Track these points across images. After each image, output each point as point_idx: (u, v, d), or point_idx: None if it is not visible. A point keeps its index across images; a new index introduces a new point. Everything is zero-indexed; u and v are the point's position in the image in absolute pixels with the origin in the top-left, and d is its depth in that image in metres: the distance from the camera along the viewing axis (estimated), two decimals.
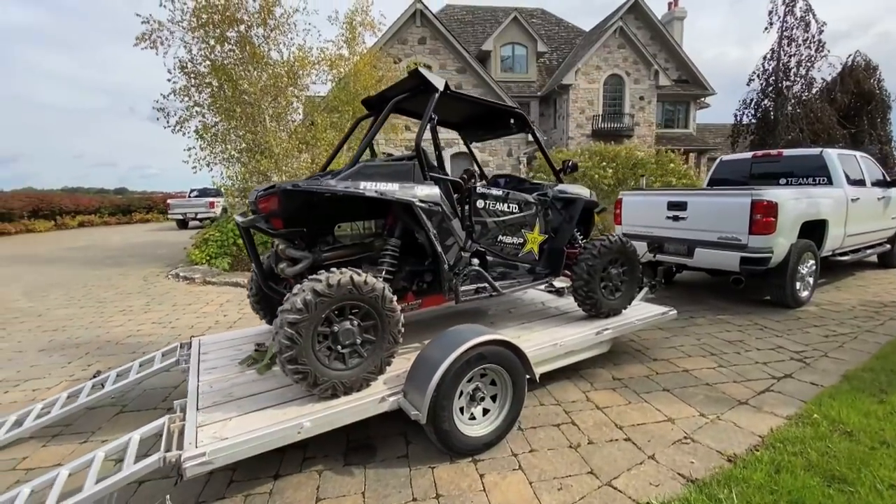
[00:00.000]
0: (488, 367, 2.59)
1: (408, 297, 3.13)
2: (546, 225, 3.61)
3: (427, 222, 2.77)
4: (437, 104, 3.46)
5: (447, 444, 2.45)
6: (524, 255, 3.49)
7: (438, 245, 2.83)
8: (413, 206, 2.70)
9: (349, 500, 2.23)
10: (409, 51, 15.64)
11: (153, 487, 2.37)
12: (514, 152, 16.94)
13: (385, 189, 2.64)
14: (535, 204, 3.52)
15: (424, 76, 2.92)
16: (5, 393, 3.69)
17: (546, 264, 3.62)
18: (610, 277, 3.61)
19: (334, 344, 2.39)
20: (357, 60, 10.98)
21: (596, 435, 2.72)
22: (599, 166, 12.76)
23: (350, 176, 2.60)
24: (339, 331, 2.37)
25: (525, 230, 3.45)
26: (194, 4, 8.94)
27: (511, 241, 3.39)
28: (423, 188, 2.79)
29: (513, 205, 3.37)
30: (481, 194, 3.21)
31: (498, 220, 3.28)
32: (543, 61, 23.07)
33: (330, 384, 2.36)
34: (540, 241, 3.56)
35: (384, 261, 2.86)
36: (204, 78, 9.66)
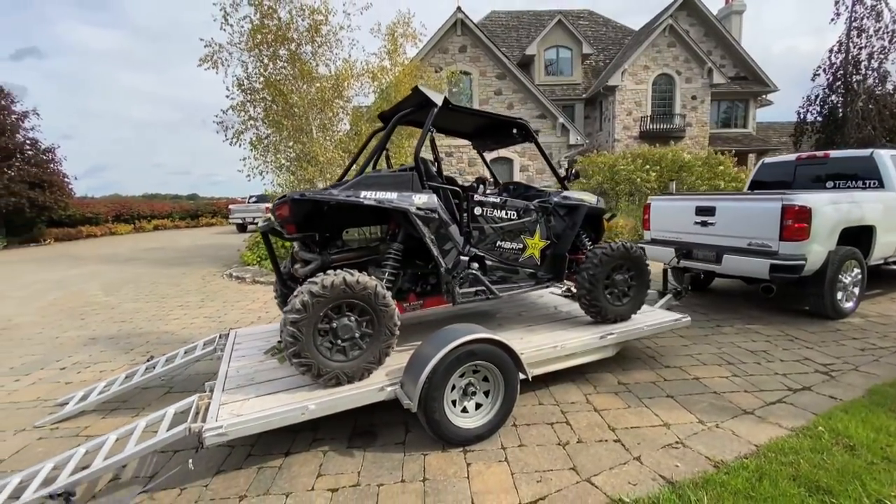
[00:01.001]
0: (480, 363, 2.75)
1: (410, 298, 3.36)
2: (548, 231, 3.69)
3: (423, 228, 2.97)
4: (445, 117, 3.70)
5: (438, 433, 2.64)
6: (525, 260, 3.58)
7: (435, 249, 3.04)
8: (409, 213, 2.92)
9: (346, 477, 2.48)
10: (450, 59, 15.97)
11: (185, 455, 2.74)
12: (555, 156, 16.73)
13: (384, 197, 2.89)
14: (536, 210, 3.62)
15: (424, 93, 3.14)
16: (78, 373, 4.31)
17: (548, 269, 3.70)
18: (615, 284, 3.64)
19: (334, 338, 2.66)
20: (398, 71, 11.44)
21: (587, 435, 2.81)
22: (642, 169, 12.42)
23: (352, 186, 2.87)
24: (337, 326, 2.64)
25: (525, 236, 3.55)
26: (251, 27, 9.74)
27: (510, 246, 3.50)
28: (420, 196, 3.01)
29: (511, 211, 3.48)
30: (479, 201, 3.35)
31: (495, 226, 3.41)
32: (589, 63, 22.64)
33: (333, 374, 2.64)
34: (541, 246, 3.65)
35: (387, 263, 3.10)
36: (258, 93, 10.49)
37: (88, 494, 2.42)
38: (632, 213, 11.10)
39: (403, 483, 2.40)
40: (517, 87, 16.41)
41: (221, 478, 2.52)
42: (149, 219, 29.18)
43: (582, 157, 14.82)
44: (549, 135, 16.65)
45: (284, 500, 2.31)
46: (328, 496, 2.32)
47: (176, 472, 2.51)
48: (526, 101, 16.50)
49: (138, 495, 2.37)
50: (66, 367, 4.49)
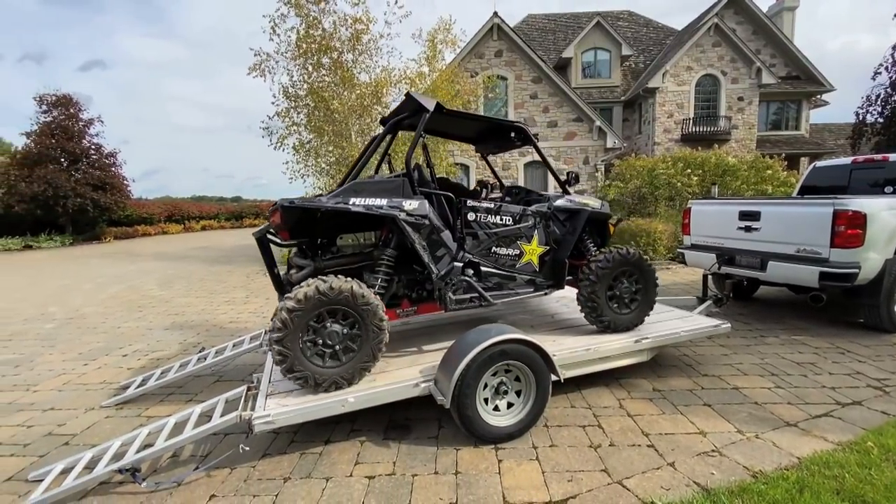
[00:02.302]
0: (512, 363, 2.82)
1: (403, 304, 3.34)
2: (547, 236, 3.59)
3: (413, 234, 2.95)
4: (444, 122, 3.74)
5: (470, 430, 2.72)
6: (522, 267, 3.49)
7: (426, 255, 3.02)
8: (397, 219, 2.91)
9: (381, 466, 2.60)
10: (486, 64, 16.04)
11: (235, 437, 2.94)
12: (591, 160, 16.46)
13: (372, 204, 2.89)
14: (534, 216, 3.52)
15: (416, 99, 3.16)
16: (138, 360, 4.67)
17: (548, 276, 3.60)
18: (620, 291, 3.51)
19: (324, 346, 2.68)
20: (436, 77, 11.64)
21: (619, 439, 2.81)
22: (683, 173, 12.02)
23: (342, 192, 2.89)
24: (324, 334, 2.67)
25: (522, 242, 3.47)
26: (297, 36, 10.19)
27: (506, 252, 3.42)
28: (410, 202, 2.99)
29: (506, 217, 3.40)
30: (472, 207, 3.28)
31: (489, 231, 3.34)
32: (629, 65, 22.13)
33: (331, 380, 2.68)
34: (540, 252, 3.55)
35: (380, 269, 3.12)
36: (301, 100, 10.95)
37: (151, 470, 2.65)
38: (671, 219, 10.78)
39: (436, 475, 2.50)
40: (553, 91, 16.27)
41: (267, 460, 2.70)
42: (197, 219, 30.84)
43: (620, 160, 14.50)
44: (586, 138, 16.42)
45: (325, 483, 2.45)
46: (365, 482, 2.45)
47: (228, 455, 2.71)
48: (562, 105, 16.33)
49: (195, 472, 2.58)
50: (127, 354, 4.87)
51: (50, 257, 16.82)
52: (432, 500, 2.29)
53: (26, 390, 3.99)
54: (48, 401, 3.73)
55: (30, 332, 5.99)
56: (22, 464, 2.79)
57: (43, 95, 22.80)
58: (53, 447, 2.99)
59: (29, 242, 20.95)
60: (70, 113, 23.07)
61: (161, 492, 2.43)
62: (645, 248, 9.27)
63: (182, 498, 2.38)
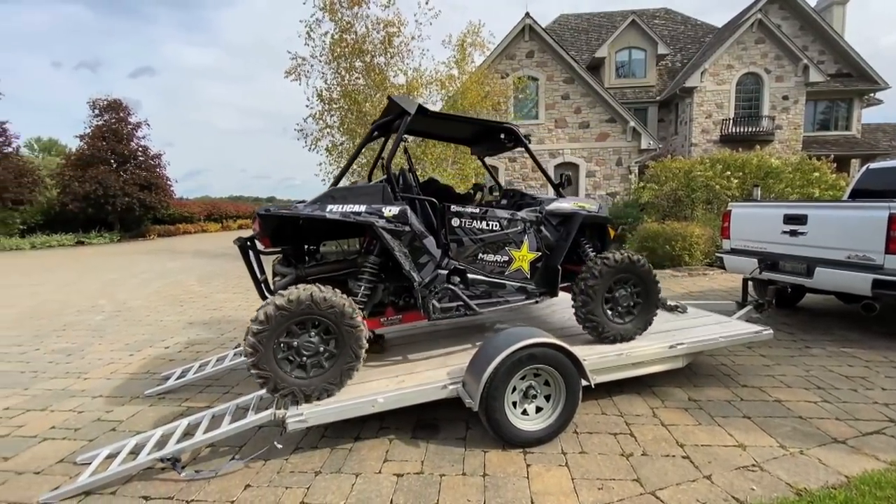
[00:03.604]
0: (541, 367, 2.78)
1: (388, 312, 3.25)
2: (539, 242, 3.45)
3: (392, 241, 2.87)
4: (434, 125, 3.71)
5: (498, 433, 2.70)
6: (512, 274, 3.36)
7: (407, 263, 2.94)
8: (373, 226, 2.83)
9: (410, 465, 2.62)
10: (517, 65, 15.93)
11: (268, 430, 3.04)
12: (625, 161, 16.06)
13: (350, 210, 2.82)
14: (524, 221, 3.39)
15: (396, 102, 3.11)
16: (179, 352, 4.89)
17: (540, 283, 3.45)
18: (617, 299, 3.36)
19: (296, 354, 2.63)
20: (465, 79, 11.67)
21: (652, 448, 2.73)
22: (722, 176, 11.57)
23: (320, 199, 2.84)
24: (300, 342, 2.63)
25: (510, 248, 3.34)
26: (331, 40, 10.44)
27: (494, 258, 3.30)
28: (390, 209, 2.92)
29: (492, 222, 3.28)
30: (456, 212, 3.17)
31: (475, 237, 3.23)
32: (665, 64, 21.50)
33: (289, 390, 2.62)
34: (531, 258, 3.41)
35: (363, 277, 3.05)
36: (335, 103, 11.20)
37: (190, 459, 2.76)
38: (709, 223, 10.38)
39: (464, 476, 2.50)
40: (585, 91, 16.00)
41: (299, 454, 2.77)
42: (234, 218, 32.04)
43: (654, 162, 14.09)
44: (619, 139, 16.05)
45: (354, 479, 2.50)
46: (394, 480, 2.48)
47: (263, 450, 2.79)
48: (594, 105, 16.03)
49: (231, 463, 2.68)
50: (168, 347, 5.11)
51: (99, 253, 17.86)
52: (460, 501, 2.29)
53: (77, 377, 4.24)
54: (97, 388, 3.96)
55: (81, 323, 6.37)
56: (73, 447, 2.97)
57: (95, 100, 24.26)
58: (101, 432, 3.16)
59: (81, 239, 22.29)
60: (120, 117, 24.43)
61: (199, 480, 2.54)
62: (680, 253, 8.98)
63: (219, 487, 2.47)
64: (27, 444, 3.02)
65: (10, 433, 3.20)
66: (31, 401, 3.75)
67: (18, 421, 3.39)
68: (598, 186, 16.32)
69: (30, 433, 3.19)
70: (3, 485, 2.57)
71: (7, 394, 3.91)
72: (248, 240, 3.07)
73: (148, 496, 2.42)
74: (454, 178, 11.35)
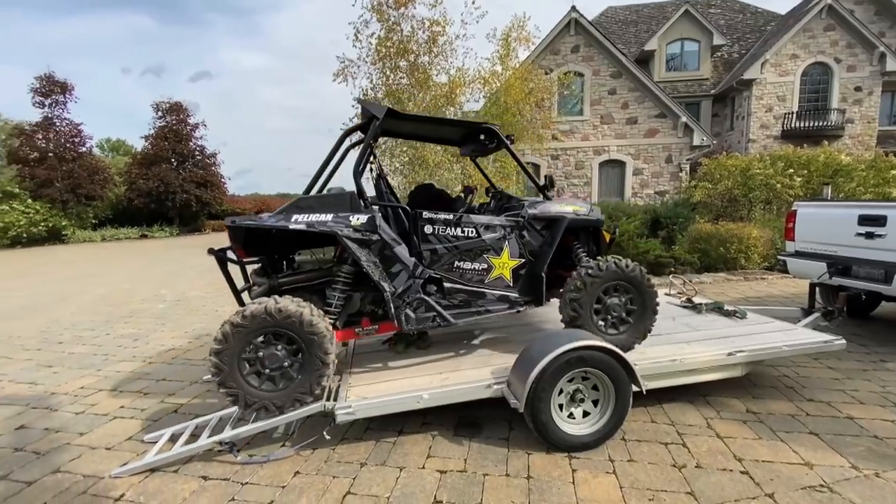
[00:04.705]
0: (590, 371, 2.71)
1: (364, 322, 3.16)
2: (521, 248, 3.29)
3: (359, 251, 2.80)
4: (417, 127, 3.63)
5: (543, 435, 2.66)
6: (492, 282, 3.22)
7: (376, 272, 2.87)
8: (338, 236, 2.76)
9: (453, 462, 2.63)
10: (561, 60, 15.55)
11: (317, 420, 3.14)
12: (675, 158, 15.32)
13: (316, 220, 2.76)
14: (504, 226, 3.24)
15: (365, 107, 3.03)
16: None
17: (524, 291, 3.29)
18: (608, 308, 3.15)
19: (262, 368, 2.64)
20: (509, 75, 11.54)
21: (707, 461, 2.59)
22: (783, 174, 10.82)
23: (287, 209, 2.81)
24: (264, 356, 2.63)
25: (489, 255, 3.19)
26: (377, 40, 10.62)
27: (472, 266, 3.17)
28: (358, 217, 2.84)
29: (468, 228, 3.15)
30: (428, 219, 3.08)
31: (450, 245, 3.11)
32: (721, 55, 20.33)
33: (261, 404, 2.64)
34: (512, 265, 3.25)
35: (336, 286, 3.00)
36: (380, 102, 11.39)
37: (244, 444, 2.90)
38: (768, 224, 9.74)
39: (508, 477, 2.47)
40: (634, 86, 15.40)
41: (346, 445, 2.85)
42: None
43: (708, 159, 13.38)
44: (670, 135, 15.34)
45: (398, 472, 2.53)
46: (437, 476, 2.49)
47: (313, 440, 2.88)
48: (643, 100, 15.40)
49: (282, 450, 2.79)
50: None
51: (160, 245, 19.12)
52: (504, 502, 2.27)
53: (143, 361, 4.56)
54: (161, 372, 4.24)
55: (146, 311, 6.84)
56: (139, 426, 3.20)
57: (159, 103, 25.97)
58: (165, 414, 3.38)
59: (144, 232, 23.98)
60: (180, 118, 26.04)
61: (252, 465, 2.66)
62: (736, 256, 8.48)
63: (270, 472, 2.58)
64: (100, 422, 3.28)
65: (85, 410, 3.48)
66: (102, 381, 4.07)
67: (92, 400, 3.68)
68: (646, 185, 15.69)
69: (102, 411, 3.46)
70: (79, 458, 2.80)
71: (83, 374, 4.26)
72: (224, 250, 3.04)
73: (207, 476, 2.56)
74: (495, 175, 11.26)
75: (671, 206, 10.62)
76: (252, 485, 2.47)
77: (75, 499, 2.40)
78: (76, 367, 4.46)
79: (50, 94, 22.10)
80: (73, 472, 2.65)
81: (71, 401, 3.67)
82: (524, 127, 12.08)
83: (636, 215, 9.64)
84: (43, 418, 3.38)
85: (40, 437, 3.09)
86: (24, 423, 3.29)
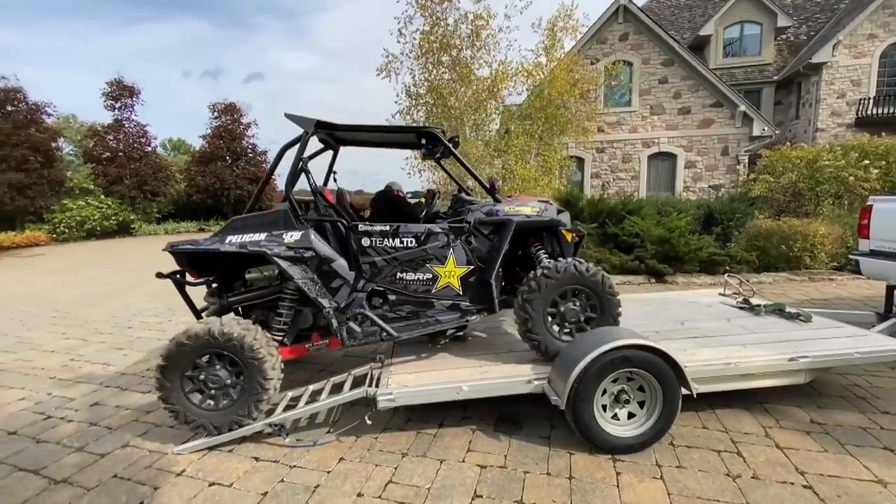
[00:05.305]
0: (635, 371, 2.61)
1: (314, 338, 3.20)
2: (469, 255, 3.16)
3: (292, 269, 2.80)
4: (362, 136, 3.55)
5: (585, 435, 2.60)
6: (440, 291, 3.13)
7: (312, 289, 2.86)
8: (266, 255, 2.77)
9: (493, 458, 2.62)
10: (609, 49, 14.95)
11: (359, 408, 3.23)
12: (732, 150, 14.37)
13: (249, 240, 2.80)
14: (446, 233, 3.12)
15: (292, 120, 3.01)
16: None
17: (475, 299, 3.16)
18: (564, 313, 2.98)
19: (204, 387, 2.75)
20: (553, 66, 11.27)
21: (765, 472, 2.44)
22: (858, 165, 9.92)
23: (222, 231, 2.87)
24: (206, 376, 2.73)
25: (432, 264, 3.10)
26: (420, 37, 10.68)
27: (416, 277, 3.09)
28: (292, 234, 2.84)
29: (406, 239, 3.07)
30: (365, 232, 3.04)
31: (388, 257, 3.06)
32: (785, 38, 18.85)
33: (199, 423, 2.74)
34: (460, 273, 3.14)
35: (283, 303, 3.01)
36: (421, 98, 11.46)
37: (292, 428, 3.03)
38: (837, 220, 8.97)
39: (549, 476, 2.44)
40: (687, 73, 14.58)
41: (387, 434, 2.91)
42: None
43: (769, 150, 12.48)
44: (726, 125, 14.43)
45: (439, 465, 2.56)
46: (477, 471, 2.50)
47: (355, 424, 2.97)
48: (697, 89, 14.56)
49: (327, 436, 2.89)
50: None
51: None
52: (545, 501, 2.24)
53: None
54: None
55: None
56: None
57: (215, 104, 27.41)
58: None
59: (202, 226, 25.50)
60: (234, 118, 27.38)
61: (300, 448, 2.77)
62: (800, 254, 7.88)
63: (317, 456, 2.69)
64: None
65: (151, 391, 3.75)
66: None
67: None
68: (699, 178, 14.87)
69: None
70: (146, 434, 3.03)
71: (147, 356, 4.60)
72: (177, 273, 3.14)
73: (258, 457, 2.70)
74: (536, 170, 11.07)
75: (727, 200, 10.00)
76: (300, 468, 2.58)
77: (142, 471, 2.61)
78: (143, 350, 4.82)
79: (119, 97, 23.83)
80: (140, 447, 2.87)
81: (139, 381, 3.97)
82: (568, 119, 11.77)
83: (688, 211, 9.16)
84: (114, 396, 3.68)
85: (112, 413, 3.37)
86: (98, 401, 3.60)
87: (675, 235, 7.91)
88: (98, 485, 2.49)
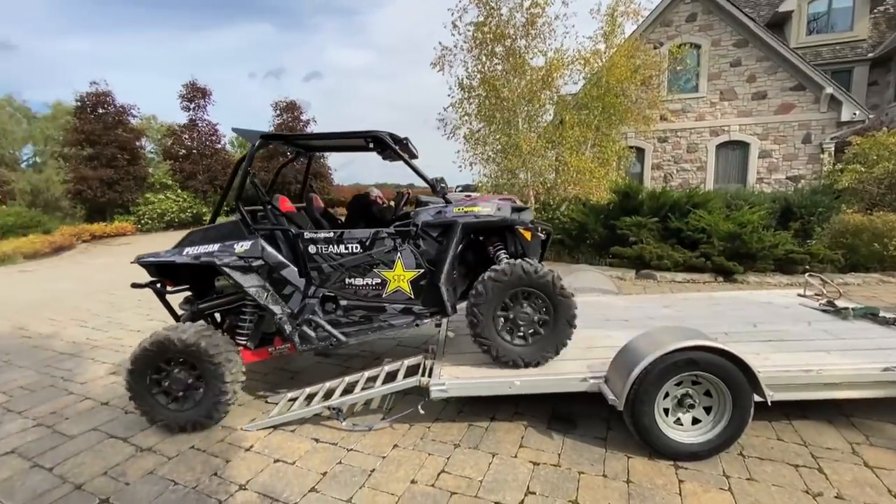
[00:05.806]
0: (702, 375, 2.46)
1: (276, 342, 3.25)
2: (419, 258, 3.09)
3: (240, 277, 2.94)
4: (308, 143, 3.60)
5: (645, 439, 2.49)
6: (391, 296, 3.12)
7: (263, 296, 2.99)
8: (215, 265, 2.93)
9: (546, 455, 2.58)
10: (674, 32, 13.99)
11: (411, 397, 3.29)
12: (816, 138, 13.01)
13: (203, 251, 2.96)
14: (392, 237, 3.07)
15: (239, 134, 3.18)
16: None
17: (428, 302, 3.11)
18: (515, 317, 2.89)
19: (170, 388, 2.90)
20: (613, 53, 10.78)
21: (851, 492, 2.22)
22: None
23: (180, 243, 3.03)
24: (170, 379, 2.89)
25: (381, 269, 3.08)
26: (474, 28, 10.60)
27: (364, 282, 3.10)
28: (242, 244, 2.95)
29: (351, 244, 3.07)
30: (311, 239, 3.08)
31: (334, 263, 3.09)
32: (884, 10, 16.76)
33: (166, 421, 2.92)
34: (409, 277, 3.09)
35: (246, 309, 3.12)
36: (474, 90, 11.39)
37: (349, 413, 3.15)
38: None
39: (605, 478, 2.37)
40: (763, 54, 13.37)
41: (439, 425, 2.96)
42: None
43: (861, 137, 11.20)
44: (809, 110, 13.11)
45: (491, 458, 2.56)
46: (530, 467, 2.47)
47: (408, 413, 3.04)
48: (775, 71, 13.31)
49: (382, 422, 2.98)
50: None
51: None
52: (601, 502, 2.18)
53: None
54: None
55: None
56: (263, 388, 3.63)
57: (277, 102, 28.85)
58: (283, 380, 3.80)
59: None
60: (294, 116, 28.68)
61: (356, 432, 2.88)
62: (894, 254, 7.04)
63: (372, 441, 2.78)
64: None
65: None
66: None
67: None
68: (775, 169, 13.65)
69: None
70: None
71: None
72: (155, 282, 3.33)
73: (318, 439, 2.84)
74: (592, 161, 10.66)
75: (807, 193, 9.10)
76: (356, 451, 2.69)
77: (215, 445, 2.83)
78: None
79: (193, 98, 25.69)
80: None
81: None
82: (627, 108, 11.22)
83: (761, 204, 8.45)
84: None
85: None
86: None
87: (747, 231, 7.33)
88: (178, 454, 2.73)
